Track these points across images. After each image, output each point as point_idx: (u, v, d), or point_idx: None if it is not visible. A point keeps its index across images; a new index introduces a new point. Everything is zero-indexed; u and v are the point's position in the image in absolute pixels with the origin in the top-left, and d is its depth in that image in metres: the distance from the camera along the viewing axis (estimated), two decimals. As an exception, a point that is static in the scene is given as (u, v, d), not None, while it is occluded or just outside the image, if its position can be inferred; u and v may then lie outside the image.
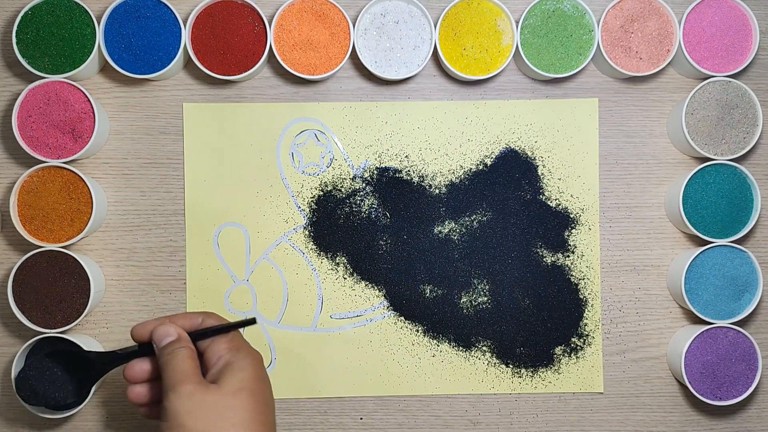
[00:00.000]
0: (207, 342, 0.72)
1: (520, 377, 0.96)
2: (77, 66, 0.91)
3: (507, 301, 0.96)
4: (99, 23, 0.92)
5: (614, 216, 0.97)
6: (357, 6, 0.95)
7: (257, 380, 0.69)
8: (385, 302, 0.96)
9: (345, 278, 0.96)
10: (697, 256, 0.92)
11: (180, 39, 0.92)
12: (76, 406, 0.91)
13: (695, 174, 0.93)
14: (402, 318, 0.96)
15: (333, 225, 0.96)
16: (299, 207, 0.96)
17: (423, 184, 0.96)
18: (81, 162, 0.96)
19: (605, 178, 0.97)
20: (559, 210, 0.97)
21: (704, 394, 0.92)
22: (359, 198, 0.96)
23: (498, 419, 0.96)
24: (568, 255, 0.96)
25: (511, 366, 0.96)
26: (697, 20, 0.94)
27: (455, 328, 0.96)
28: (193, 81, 0.97)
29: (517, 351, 0.96)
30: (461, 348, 0.96)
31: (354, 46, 0.92)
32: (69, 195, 0.91)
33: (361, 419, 0.96)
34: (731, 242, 0.93)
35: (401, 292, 0.96)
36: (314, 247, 0.96)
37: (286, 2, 0.92)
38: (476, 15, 0.93)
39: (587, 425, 0.97)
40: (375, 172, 0.96)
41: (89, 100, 0.91)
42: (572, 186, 0.97)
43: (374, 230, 0.96)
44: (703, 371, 0.92)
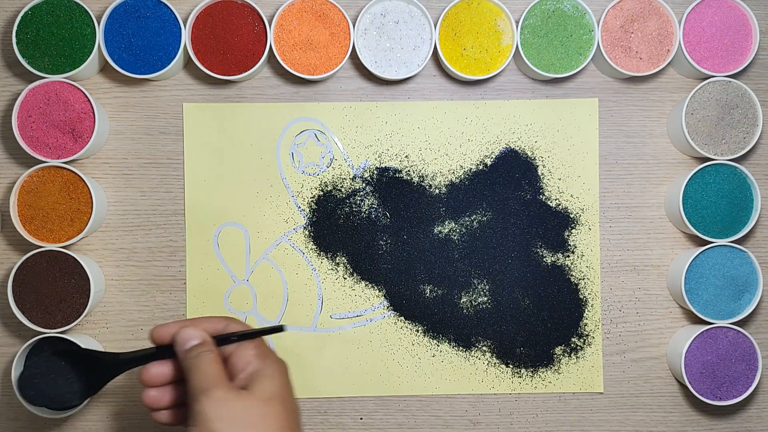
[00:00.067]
0: (232, 347, 0.70)
1: (520, 377, 0.96)
2: (77, 66, 0.91)
3: (507, 301, 0.96)
4: (99, 23, 0.92)
5: (614, 216, 0.97)
6: (357, 6, 0.95)
7: (286, 388, 0.69)
8: (385, 302, 0.96)
9: (345, 278, 0.96)
10: (697, 256, 0.92)
11: (180, 39, 0.92)
12: (79, 407, 0.90)
13: (695, 174, 0.93)
14: (402, 318, 0.96)
15: (333, 225, 0.96)
16: (299, 207, 0.96)
17: (423, 184, 0.96)
18: (81, 162, 0.96)
19: (605, 178, 0.97)
20: (559, 210, 0.97)
21: (704, 394, 0.92)
22: (359, 198, 0.96)
23: (498, 419, 0.96)
24: (568, 255, 0.96)
25: (511, 366, 0.96)
26: (697, 20, 0.94)
27: (455, 328, 0.96)
28: (193, 81, 0.97)
29: (517, 351, 0.96)
30: (461, 348, 0.96)
31: (354, 46, 0.92)
32: (69, 195, 0.91)
33: (361, 419, 0.96)
34: (731, 242, 0.93)
35: (401, 292, 0.96)
36: (314, 247, 0.96)
37: (286, 2, 0.92)
38: (476, 15, 0.93)
39: (587, 425, 0.97)
40: (375, 172, 0.96)
41: (89, 100, 0.91)
42: (572, 186, 0.97)
43: (374, 230, 0.96)
44: (703, 371, 0.92)
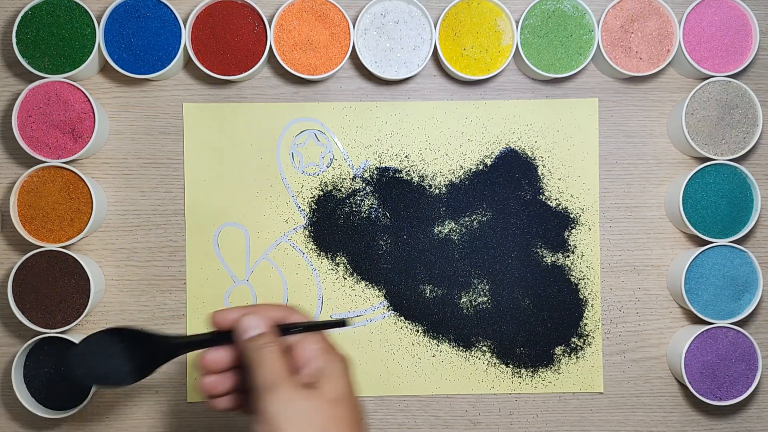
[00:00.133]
0: (294, 339, 0.67)
1: (520, 377, 0.96)
2: (77, 66, 0.91)
3: (507, 301, 0.96)
4: (99, 23, 0.92)
5: (614, 216, 0.97)
6: (357, 6, 0.95)
7: (352, 389, 0.66)
8: (385, 302, 0.96)
9: (345, 278, 0.96)
10: (697, 256, 0.92)
11: (180, 39, 0.92)
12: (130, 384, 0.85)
13: (695, 174, 0.93)
14: (402, 318, 0.96)
15: (333, 225, 0.96)
16: (299, 207, 0.96)
17: (423, 184, 0.96)
18: (81, 162, 0.96)
19: (605, 178, 0.97)
20: (559, 210, 0.97)
21: (704, 394, 0.92)
22: (359, 198, 0.96)
23: (498, 419, 0.96)
24: (568, 255, 0.96)
25: (511, 366, 0.96)
26: (697, 20, 0.94)
27: (455, 328, 0.96)
28: (193, 81, 0.97)
29: (517, 351, 0.96)
30: (461, 348, 0.96)
31: (354, 46, 0.92)
32: (69, 195, 0.91)
33: (362, 419, 0.96)
34: (731, 242, 0.93)
35: (401, 292, 0.96)
36: (314, 247, 0.96)
37: (286, 2, 0.92)
38: (476, 15, 0.93)
39: (587, 425, 0.97)
40: (375, 172, 0.96)
41: (89, 100, 0.91)
42: (572, 186, 0.97)
43: (374, 230, 0.96)
44: (703, 371, 0.92)
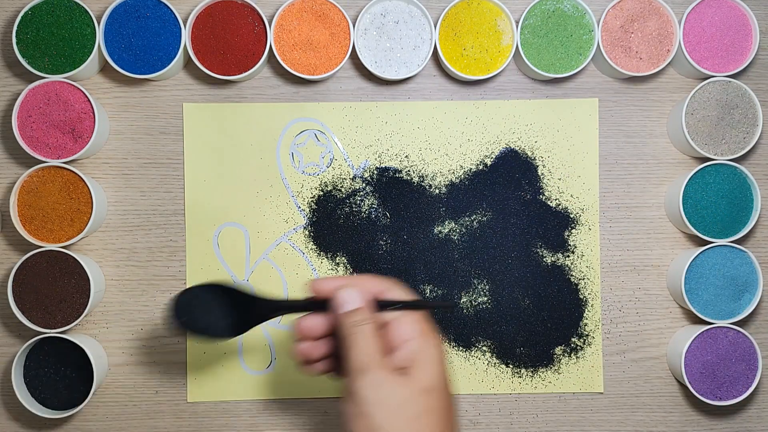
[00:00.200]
0: (391, 315, 0.65)
1: (520, 377, 0.96)
2: (77, 66, 0.91)
3: (507, 301, 0.96)
4: (99, 23, 0.92)
5: (614, 216, 0.97)
6: (357, 6, 0.95)
7: (446, 377, 0.64)
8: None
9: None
10: (697, 256, 0.92)
11: (180, 39, 0.92)
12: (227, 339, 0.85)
13: (695, 174, 0.93)
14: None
15: (333, 225, 0.96)
16: (299, 207, 0.96)
17: (423, 184, 0.96)
18: (81, 162, 0.96)
19: (605, 178, 0.97)
20: (559, 210, 0.97)
21: (704, 394, 0.92)
22: (359, 198, 0.96)
23: (498, 419, 0.96)
24: (568, 255, 0.96)
25: (511, 366, 0.96)
26: (697, 20, 0.94)
27: (455, 328, 0.96)
28: (193, 81, 0.97)
29: (517, 351, 0.96)
30: (461, 348, 0.96)
31: (354, 46, 0.92)
32: (69, 195, 0.91)
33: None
34: (731, 242, 0.93)
35: (401, 292, 0.96)
36: (314, 247, 0.96)
37: (286, 2, 0.92)
38: (476, 15, 0.93)
39: (587, 425, 0.97)
40: (375, 172, 0.96)
41: (89, 100, 0.91)
42: (572, 186, 0.97)
43: (374, 230, 0.96)
44: (703, 371, 0.92)
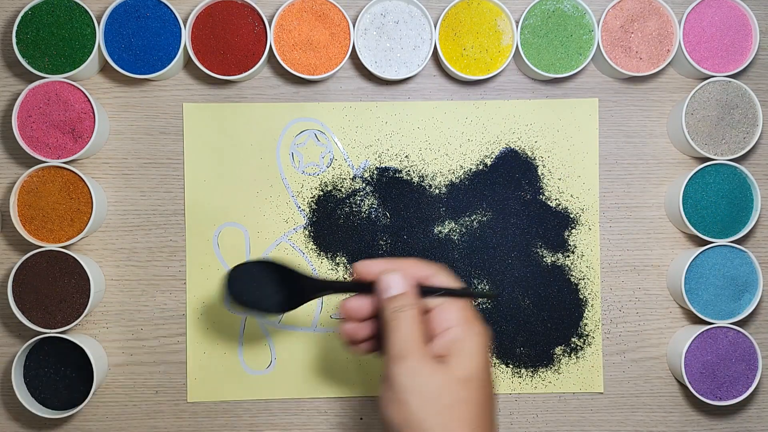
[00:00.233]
0: (435, 302, 0.64)
1: (520, 377, 0.96)
2: (77, 66, 0.91)
3: (507, 301, 0.96)
4: (99, 23, 0.92)
5: (614, 216, 0.97)
6: (357, 6, 0.95)
7: (486, 367, 0.62)
8: (385, 302, 0.96)
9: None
10: (697, 256, 0.92)
11: (180, 39, 0.92)
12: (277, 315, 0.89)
13: (695, 174, 0.93)
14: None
15: (333, 225, 0.96)
16: (299, 207, 0.96)
17: (423, 184, 0.96)
18: (81, 162, 0.96)
19: (605, 178, 0.97)
20: (559, 210, 0.97)
21: (704, 394, 0.92)
22: (359, 198, 0.96)
23: (498, 419, 0.96)
24: (568, 255, 0.96)
25: (511, 366, 0.96)
26: (697, 20, 0.94)
27: (455, 328, 0.96)
28: (193, 81, 0.97)
29: (517, 351, 0.96)
30: (461, 348, 0.96)
31: (354, 46, 0.92)
32: (69, 195, 0.91)
33: (361, 419, 0.96)
34: (731, 242, 0.93)
35: (401, 292, 0.96)
36: (314, 247, 0.96)
37: (286, 2, 0.92)
38: (476, 15, 0.93)
39: (587, 425, 0.97)
40: (375, 172, 0.96)
41: (89, 100, 0.91)
42: (572, 186, 0.97)
43: (374, 230, 0.96)
44: (703, 371, 0.92)
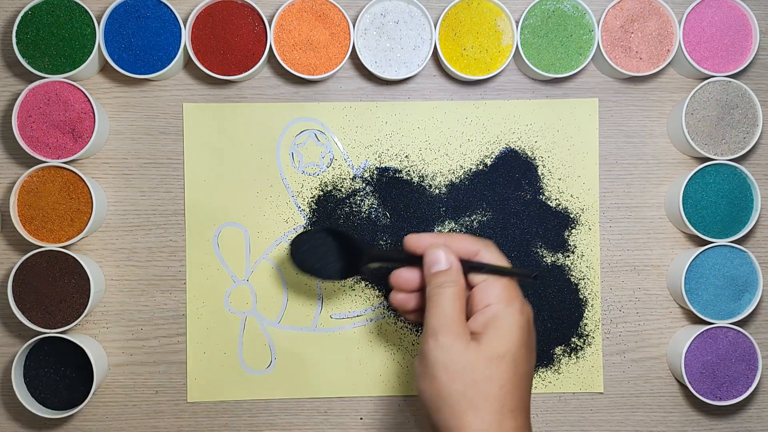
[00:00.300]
0: (479, 278, 0.65)
1: (520, 377, 0.96)
2: (77, 66, 0.91)
3: (507, 301, 0.96)
4: (99, 23, 0.92)
5: (614, 216, 0.97)
6: (357, 6, 0.95)
7: (523, 346, 0.63)
8: (385, 302, 0.96)
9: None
10: (697, 256, 0.92)
11: (180, 39, 0.92)
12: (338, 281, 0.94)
13: (695, 174, 0.93)
14: (402, 318, 0.96)
15: (333, 225, 0.96)
16: (299, 207, 0.96)
17: (423, 184, 0.96)
18: (81, 162, 0.96)
19: (605, 178, 0.97)
20: (559, 210, 0.97)
21: (704, 394, 0.92)
22: (359, 198, 0.96)
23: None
24: (568, 255, 0.96)
25: (511, 366, 0.96)
26: (697, 20, 0.94)
27: (455, 328, 0.96)
28: (193, 81, 0.97)
29: (517, 351, 0.96)
30: (461, 348, 0.96)
31: (354, 46, 0.92)
32: (69, 195, 0.91)
33: (361, 419, 0.96)
34: (731, 242, 0.93)
35: (401, 292, 0.96)
36: (314, 247, 0.96)
37: (286, 2, 0.92)
38: (476, 15, 0.93)
39: (587, 425, 0.97)
40: (375, 172, 0.96)
41: (89, 100, 0.91)
42: (572, 186, 0.97)
43: (374, 230, 0.96)
44: (703, 371, 0.92)
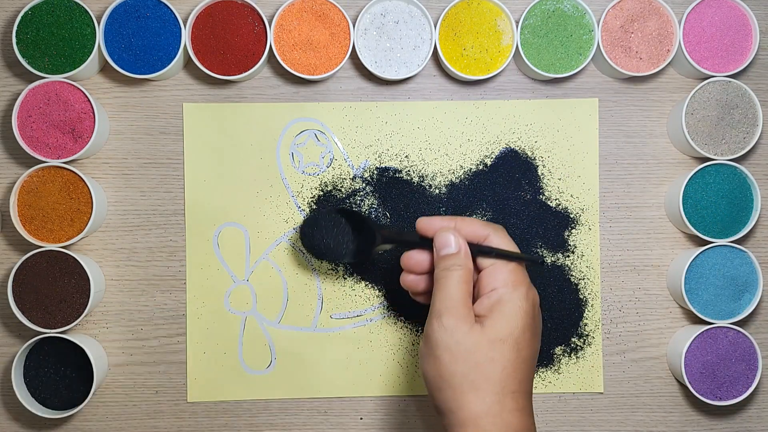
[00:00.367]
0: (487, 263, 0.66)
1: (520, 377, 0.96)
2: (77, 66, 0.91)
3: (507, 301, 0.96)
4: (99, 23, 0.92)
5: (614, 216, 0.97)
6: (357, 6, 0.95)
7: (527, 330, 0.63)
8: (385, 302, 0.96)
9: (345, 278, 0.96)
10: (697, 256, 0.92)
11: (180, 39, 0.92)
12: (350, 261, 0.94)
13: (695, 174, 0.93)
14: (402, 318, 0.96)
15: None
16: (299, 207, 0.96)
17: (423, 184, 0.96)
18: (81, 162, 0.96)
19: (605, 178, 0.97)
20: (559, 210, 0.97)
21: (704, 394, 0.92)
22: (359, 198, 0.96)
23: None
24: (568, 255, 0.96)
25: (511, 366, 0.96)
26: (697, 20, 0.94)
27: (455, 328, 0.96)
28: (193, 81, 0.97)
29: (517, 351, 0.96)
30: (461, 348, 0.96)
31: (354, 46, 0.92)
32: (69, 195, 0.91)
33: (361, 419, 0.96)
34: (731, 242, 0.93)
35: (401, 292, 0.95)
36: (314, 247, 0.96)
37: (286, 2, 0.92)
38: (476, 15, 0.93)
39: (587, 425, 0.97)
40: (375, 172, 0.96)
41: (89, 100, 0.91)
42: (572, 186, 0.97)
43: (374, 230, 0.96)
44: (703, 371, 0.92)
